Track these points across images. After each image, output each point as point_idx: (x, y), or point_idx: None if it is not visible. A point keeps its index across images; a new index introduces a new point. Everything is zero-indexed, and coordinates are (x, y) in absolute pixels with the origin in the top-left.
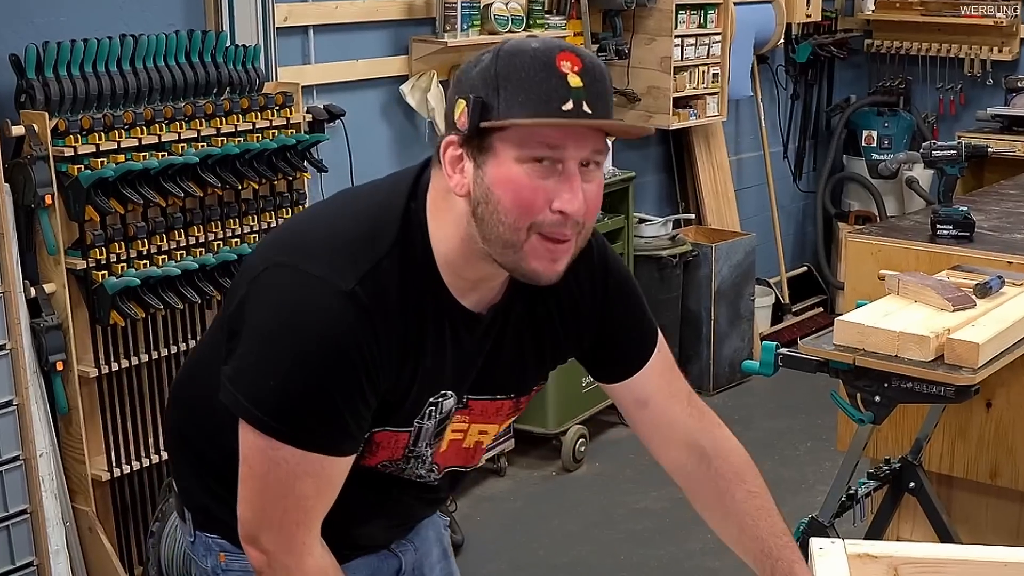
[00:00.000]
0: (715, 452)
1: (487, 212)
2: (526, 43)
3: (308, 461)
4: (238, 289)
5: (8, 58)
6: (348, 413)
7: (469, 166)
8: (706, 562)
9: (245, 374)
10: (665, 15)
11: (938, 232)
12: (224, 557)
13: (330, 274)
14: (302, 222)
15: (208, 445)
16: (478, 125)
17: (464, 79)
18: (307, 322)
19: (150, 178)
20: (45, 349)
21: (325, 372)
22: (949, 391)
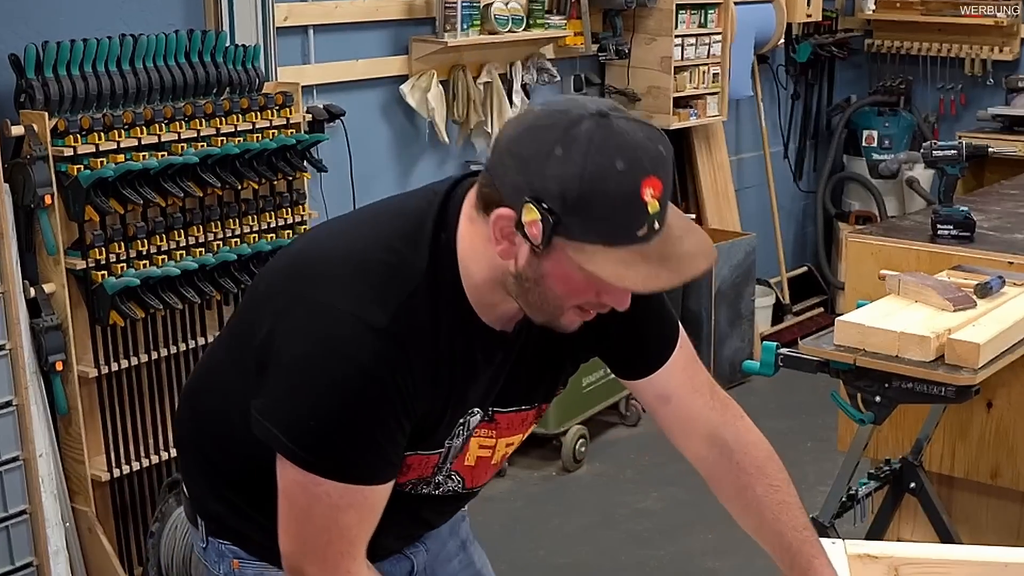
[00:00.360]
0: (737, 445)
1: (533, 290)
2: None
3: (350, 493)
4: (262, 318)
5: (8, 58)
6: (386, 444)
7: (524, 248)
8: (706, 562)
9: (281, 411)
10: (665, 15)
11: (939, 232)
12: (238, 564)
13: (362, 310)
14: (325, 248)
15: (222, 455)
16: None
17: (535, 167)
18: (342, 360)
19: (150, 178)
20: (44, 349)
21: (363, 408)
22: (950, 391)
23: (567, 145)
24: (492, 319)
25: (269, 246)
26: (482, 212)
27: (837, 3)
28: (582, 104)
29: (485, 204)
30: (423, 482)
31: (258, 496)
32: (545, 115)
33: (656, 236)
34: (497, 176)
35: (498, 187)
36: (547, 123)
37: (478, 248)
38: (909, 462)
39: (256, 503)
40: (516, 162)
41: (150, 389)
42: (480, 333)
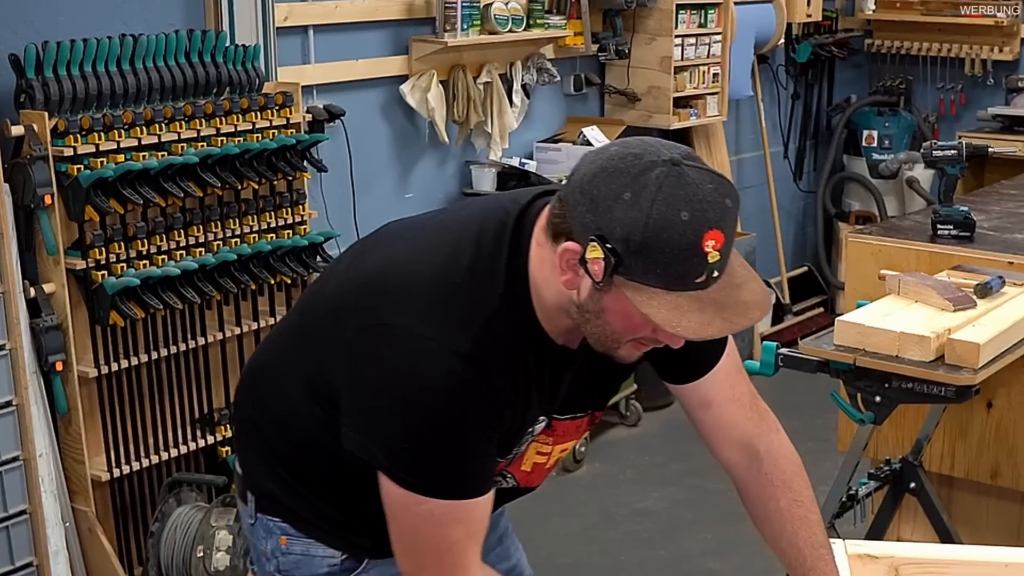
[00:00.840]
0: (768, 456)
1: (594, 321)
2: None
3: (453, 509)
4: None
5: (8, 58)
6: (479, 459)
7: (587, 282)
8: (706, 563)
9: (375, 435)
10: (665, 15)
11: (939, 232)
12: (285, 540)
13: (445, 336)
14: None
15: (281, 438)
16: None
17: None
18: (429, 387)
19: (150, 178)
20: (44, 349)
21: (452, 430)
22: (950, 391)
23: (636, 191)
24: (559, 337)
25: (269, 246)
26: (551, 240)
27: (837, 3)
28: (656, 149)
29: (555, 234)
30: None
31: (310, 476)
32: (619, 157)
33: (714, 283)
34: (568, 209)
35: (569, 221)
36: (621, 166)
37: (546, 274)
38: (909, 462)
39: (308, 483)
40: (587, 200)
41: (150, 389)
42: (550, 351)
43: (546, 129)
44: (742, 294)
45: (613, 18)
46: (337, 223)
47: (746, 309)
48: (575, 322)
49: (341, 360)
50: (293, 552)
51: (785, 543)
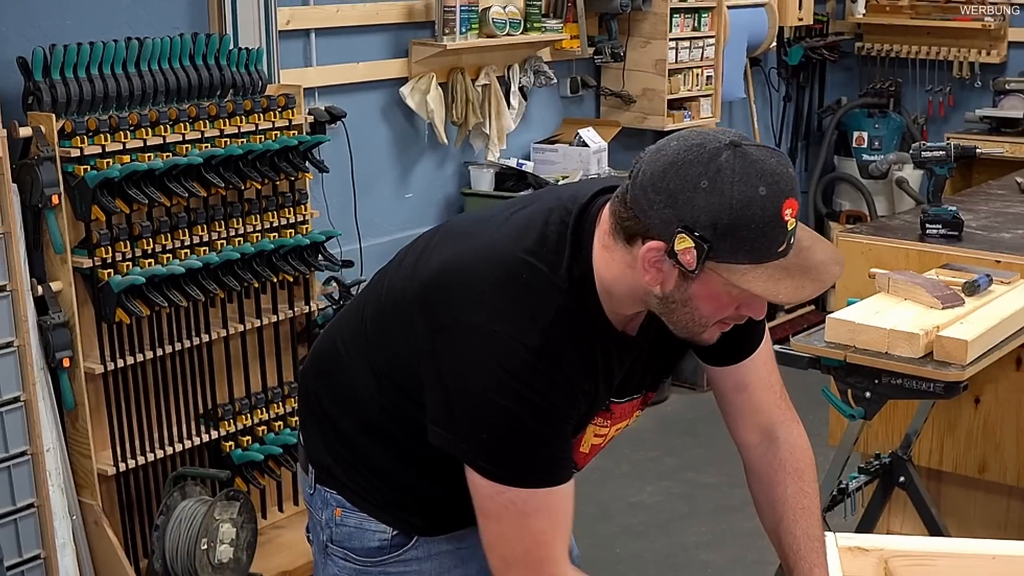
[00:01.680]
0: (785, 444)
1: (681, 310)
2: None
3: (534, 497)
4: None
5: (15, 61)
6: (555, 447)
7: (672, 274)
8: (700, 555)
9: (459, 429)
10: (660, 19)
11: (927, 231)
12: (340, 512)
13: (518, 331)
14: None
15: (343, 417)
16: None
17: (684, 200)
18: (505, 380)
19: (155, 178)
20: (52, 346)
21: (529, 421)
22: (938, 387)
23: (712, 177)
24: (621, 325)
25: (272, 245)
26: (622, 242)
27: (828, 7)
28: (714, 136)
29: (628, 236)
30: None
31: (368, 455)
32: (684, 150)
33: (791, 250)
34: (641, 210)
35: (643, 220)
36: (688, 158)
37: (616, 272)
38: (898, 457)
39: (365, 461)
40: (663, 197)
41: (155, 385)
42: (615, 340)
43: (543, 130)
44: (815, 255)
45: (609, 22)
46: (338, 222)
47: (827, 267)
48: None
49: (416, 357)
50: (347, 524)
51: (783, 530)
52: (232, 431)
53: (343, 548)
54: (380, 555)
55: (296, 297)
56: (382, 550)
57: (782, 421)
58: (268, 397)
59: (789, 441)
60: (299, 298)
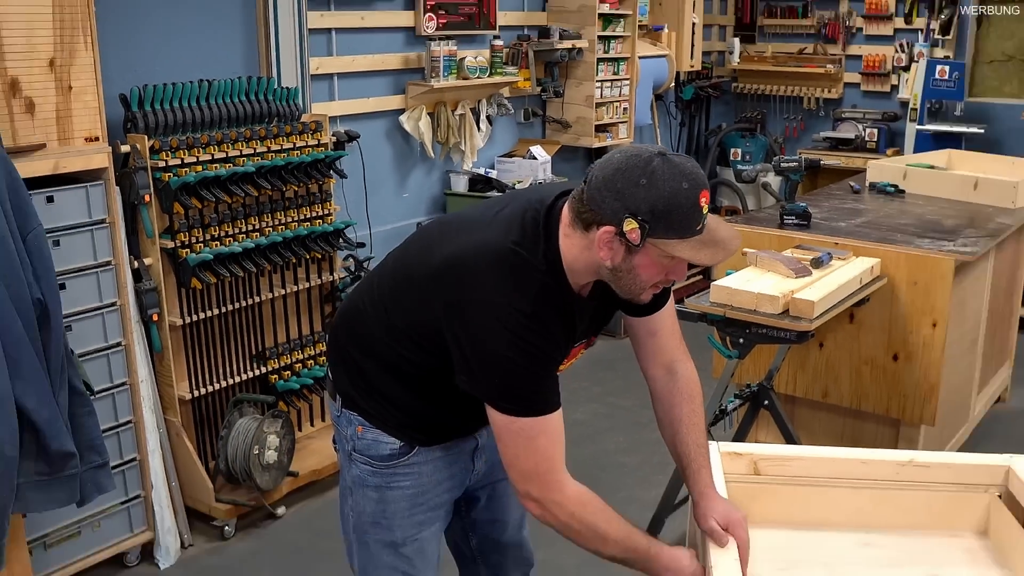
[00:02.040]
0: (682, 377)
1: (626, 277)
2: (677, 178)
3: (538, 424)
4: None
5: (119, 97)
6: (546, 385)
7: (620, 250)
8: (618, 458)
9: (479, 376)
10: (589, 66)
11: (785, 221)
12: (361, 429)
13: (513, 301)
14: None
15: (364, 360)
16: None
17: (629, 194)
18: (508, 338)
19: (220, 182)
20: (144, 305)
21: (528, 366)
22: (792, 335)
23: (649, 177)
24: (581, 291)
25: (305, 231)
26: (580, 230)
27: (712, 56)
28: (646, 149)
29: (585, 224)
30: None
31: (383, 388)
32: (626, 159)
33: (706, 228)
34: (596, 205)
35: (598, 212)
36: (630, 164)
37: (576, 253)
38: (763, 386)
39: (380, 392)
40: (613, 193)
41: (220, 333)
42: (577, 302)
43: (503, 147)
44: (721, 232)
45: (552, 68)
46: (354, 214)
47: (731, 240)
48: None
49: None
50: (365, 438)
51: (679, 440)
52: (276, 367)
53: (363, 455)
54: (391, 460)
55: (323, 269)
56: (392, 457)
57: (680, 359)
58: (302, 342)
59: (685, 375)
60: (325, 270)
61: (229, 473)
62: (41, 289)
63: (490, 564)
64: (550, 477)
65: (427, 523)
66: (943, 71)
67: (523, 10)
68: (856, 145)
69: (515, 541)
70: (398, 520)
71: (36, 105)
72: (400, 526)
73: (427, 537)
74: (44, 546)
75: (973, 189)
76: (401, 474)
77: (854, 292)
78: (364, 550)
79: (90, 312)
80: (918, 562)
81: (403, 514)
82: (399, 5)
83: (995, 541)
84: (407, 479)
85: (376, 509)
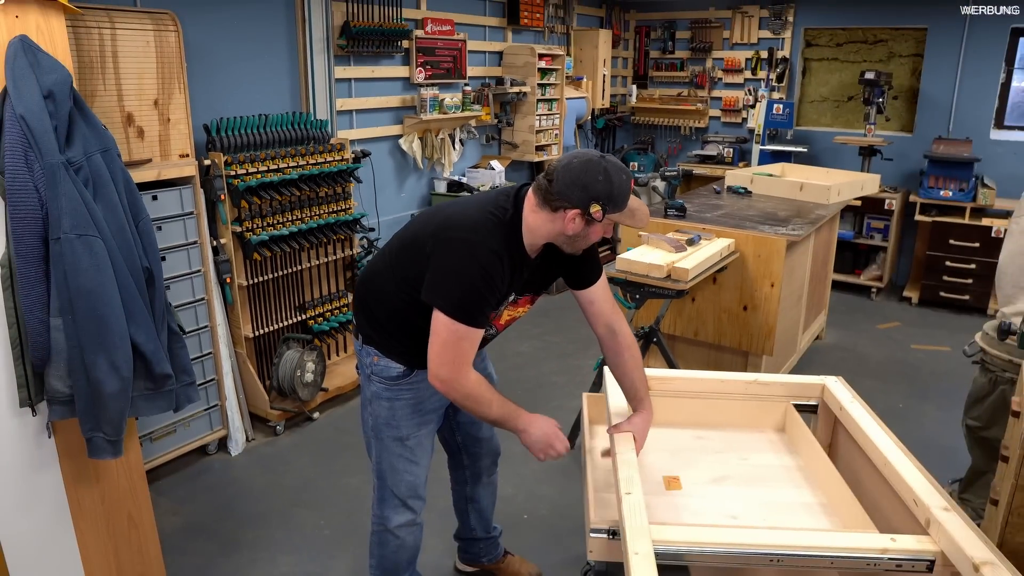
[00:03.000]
0: (620, 333)
1: (580, 240)
2: (620, 174)
3: (470, 332)
4: (423, 246)
5: (203, 126)
6: (487, 308)
7: (581, 224)
8: (552, 379)
9: (441, 288)
10: (531, 104)
11: (668, 213)
12: (376, 358)
13: (485, 240)
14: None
15: (378, 306)
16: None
17: (592, 187)
18: (474, 264)
19: (273, 186)
20: (220, 271)
21: (483, 288)
22: (673, 292)
23: (604, 174)
24: (530, 252)
25: (333, 220)
26: (548, 210)
27: (617, 98)
28: (592, 153)
29: (553, 208)
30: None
31: (392, 327)
32: (584, 162)
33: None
34: (566, 196)
35: (568, 201)
36: (589, 167)
37: (540, 223)
38: (653, 328)
39: (390, 331)
40: (579, 188)
41: (274, 291)
42: (526, 258)
43: (471, 161)
44: (639, 207)
45: (505, 105)
46: (367, 208)
47: (645, 213)
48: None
49: (426, 262)
50: (380, 364)
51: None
52: (312, 315)
53: (379, 376)
54: (398, 379)
55: (345, 247)
56: (399, 377)
57: (616, 320)
58: (331, 297)
59: (621, 330)
60: (347, 247)
61: (279, 389)
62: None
63: (470, 453)
64: (461, 368)
65: (424, 424)
66: (778, 108)
67: (485, 65)
68: (718, 160)
69: (488, 435)
70: (404, 422)
71: (145, 132)
72: (405, 426)
73: (424, 434)
74: (150, 440)
75: (799, 191)
76: (405, 389)
77: (716, 263)
78: (380, 444)
79: (183, 276)
80: (733, 449)
81: (407, 418)
82: (399, 62)
83: (789, 435)
84: (410, 392)
85: (388, 414)
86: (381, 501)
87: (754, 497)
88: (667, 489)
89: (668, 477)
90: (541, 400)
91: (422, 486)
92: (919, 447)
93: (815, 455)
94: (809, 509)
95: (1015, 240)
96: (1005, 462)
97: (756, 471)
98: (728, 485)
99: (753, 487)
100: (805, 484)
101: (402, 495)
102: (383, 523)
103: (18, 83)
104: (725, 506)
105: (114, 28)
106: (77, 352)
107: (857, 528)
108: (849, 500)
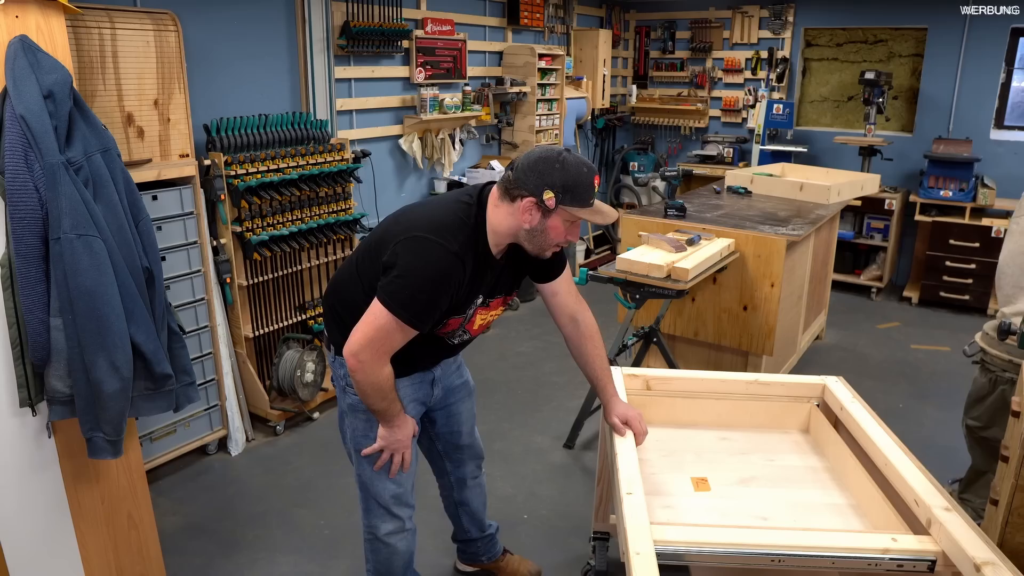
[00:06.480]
0: (583, 323)
1: (540, 236)
2: (580, 166)
3: (404, 328)
4: (386, 247)
5: (203, 126)
6: (433, 311)
7: (538, 215)
8: (552, 378)
9: (393, 286)
10: (531, 104)
11: (668, 213)
12: None
13: (445, 241)
14: (420, 217)
15: (348, 316)
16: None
17: (547, 174)
18: (432, 265)
19: (273, 186)
20: (220, 271)
21: (435, 289)
22: (673, 292)
23: (561, 163)
24: (496, 253)
25: (333, 220)
26: (508, 202)
27: (617, 98)
28: (555, 147)
29: (512, 197)
30: (453, 334)
31: None
32: (543, 152)
33: (594, 202)
34: (522, 183)
35: (523, 188)
36: (547, 156)
37: (501, 218)
38: (653, 328)
39: None
40: (535, 174)
41: (274, 291)
42: (490, 259)
43: (471, 161)
44: (604, 207)
45: (505, 105)
46: (366, 208)
47: (611, 212)
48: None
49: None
50: None
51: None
52: (312, 314)
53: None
54: None
55: (345, 247)
56: None
57: (579, 311)
58: None
59: (585, 321)
60: (346, 247)
61: (279, 389)
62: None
63: (452, 460)
64: (383, 357)
65: None
66: (778, 108)
67: (485, 65)
68: (718, 160)
69: (468, 443)
70: None
71: (145, 132)
72: None
73: None
74: (150, 440)
75: (799, 191)
76: None
77: (716, 262)
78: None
79: (183, 276)
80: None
81: None
82: (398, 61)
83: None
84: None
85: (366, 427)
86: (367, 511)
87: (782, 498)
88: (696, 491)
89: (696, 479)
90: (541, 400)
91: (408, 493)
92: (919, 447)
93: (843, 456)
94: (839, 510)
95: (1015, 240)
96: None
97: (783, 472)
98: (756, 486)
99: (781, 488)
100: (833, 485)
101: (386, 504)
102: (372, 532)
103: (18, 83)
104: (754, 507)
105: (114, 28)
106: (77, 352)
107: (890, 530)
108: (880, 501)
